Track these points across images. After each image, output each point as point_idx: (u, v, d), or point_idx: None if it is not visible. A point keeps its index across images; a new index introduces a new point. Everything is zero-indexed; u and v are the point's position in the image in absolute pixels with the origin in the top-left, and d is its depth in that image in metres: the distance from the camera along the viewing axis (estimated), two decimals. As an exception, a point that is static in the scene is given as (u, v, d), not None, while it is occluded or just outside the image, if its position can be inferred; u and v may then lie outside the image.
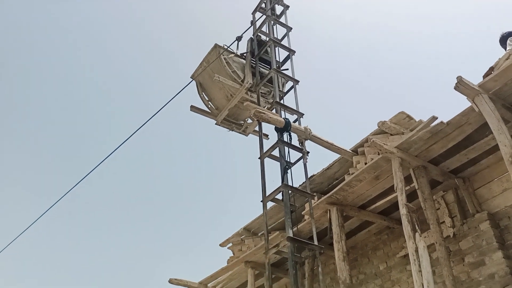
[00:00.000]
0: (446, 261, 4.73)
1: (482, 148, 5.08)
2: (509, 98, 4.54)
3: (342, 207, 5.85)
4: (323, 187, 6.85)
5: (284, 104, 6.67)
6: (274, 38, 7.46)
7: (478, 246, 5.10)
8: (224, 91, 7.33)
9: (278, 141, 5.79)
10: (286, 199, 5.45)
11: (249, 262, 7.23)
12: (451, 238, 5.42)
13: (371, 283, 6.36)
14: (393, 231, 6.31)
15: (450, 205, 5.60)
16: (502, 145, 4.12)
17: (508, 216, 5.07)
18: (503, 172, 5.08)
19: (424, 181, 5.10)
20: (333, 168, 6.63)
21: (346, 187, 5.63)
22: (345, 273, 5.37)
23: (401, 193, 4.88)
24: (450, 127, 4.77)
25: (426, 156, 5.20)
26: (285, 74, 7.14)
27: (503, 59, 4.74)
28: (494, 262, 4.89)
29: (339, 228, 5.65)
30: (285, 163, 5.74)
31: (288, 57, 7.45)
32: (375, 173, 5.41)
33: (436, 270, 5.24)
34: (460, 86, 4.35)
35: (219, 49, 7.31)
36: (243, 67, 7.48)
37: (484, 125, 4.50)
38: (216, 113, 7.71)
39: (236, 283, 8.07)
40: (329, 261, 7.06)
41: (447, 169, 5.44)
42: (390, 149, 5.02)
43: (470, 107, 4.51)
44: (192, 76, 7.63)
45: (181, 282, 8.01)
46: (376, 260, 6.45)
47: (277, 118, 5.77)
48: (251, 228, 7.96)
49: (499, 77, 4.33)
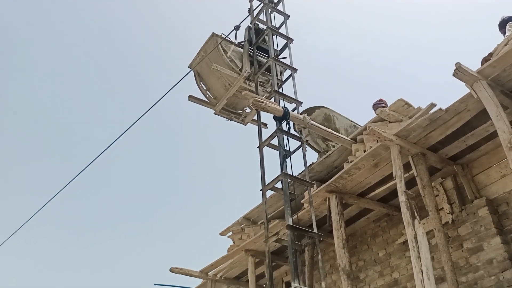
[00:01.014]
0: (444, 247, 4.76)
1: (480, 135, 5.08)
2: (507, 84, 4.52)
3: (341, 195, 5.87)
4: (322, 175, 6.87)
5: (283, 92, 6.65)
6: (271, 26, 7.41)
7: (477, 232, 5.14)
8: (222, 80, 7.30)
9: (277, 130, 5.79)
10: (285, 187, 5.46)
11: (249, 250, 7.28)
12: (449, 225, 5.46)
13: (371, 269, 6.41)
14: (392, 218, 6.34)
15: (449, 191, 5.62)
16: (501, 131, 4.12)
17: (506, 201, 5.09)
18: (502, 158, 5.09)
19: (423, 168, 5.12)
20: (332, 157, 6.64)
21: (345, 175, 5.64)
22: (345, 260, 5.41)
23: (400, 180, 4.89)
24: (449, 114, 4.76)
25: (425, 143, 5.21)
26: (283, 63, 7.11)
27: (501, 45, 4.72)
28: (492, 248, 4.93)
29: (338, 216, 5.68)
30: (284, 152, 5.74)
31: (286, 45, 7.41)
32: (374, 161, 5.42)
33: (435, 256, 5.28)
34: (459, 72, 4.33)
35: (217, 38, 7.27)
36: (241, 56, 7.44)
37: (483, 111, 4.49)
38: (215, 103, 7.69)
39: (236, 271, 8.13)
40: (328, 248, 7.11)
41: (446, 156, 5.45)
42: (389, 137, 5.02)
43: (469, 94, 4.50)
44: (190, 65, 7.59)
45: (182, 271, 8.07)
46: (375, 247, 6.49)
47: (276, 107, 5.75)
48: (251, 217, 8.00)
49: (497, 63, 4.32)
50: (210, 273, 8.17)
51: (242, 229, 7.75)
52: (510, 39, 4.55)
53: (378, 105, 8.04)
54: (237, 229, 7.86)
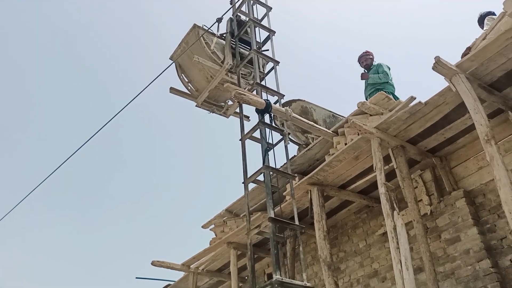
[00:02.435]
0: (423, 238, 4.84)
1: (458, 128, 5.17)
2: (485, 77, 4.60)
3: (323, 187, 5.91)
4: (304, 168, 6.90)
5: (265, 85, 6.64)
6: (253, 18, 7.36)
7: (454, 223, 5.24)
8: (204, 72, 7.24)
9: (259, 123, 5.78)
10: (267, 180, 5.47)
11: (231, 243, 7.28)
12: (428, 216, 5.56)
13: (351, 260, 6.50)
14: (372, 210, 6.43)
15: (428, 183, 5.72)
16: (478, 124, 4.20)
17: (483, 193, 5.21)
18: (479, 150, 5.19)
19: (402, 160, 5.19)
20: (313, 149, 6.67)
21: (327, 168, 5.68)
22: (326, 252, 5.46)
23: (380, 173, 4.95)
24: (428, 107, 4.83)
25: (405, 136, 5.28)
26: (265, 55, 7.08)
27: (480, 39, 4.80)
28: (469, 238, 5.04)
29: (320, 208, 5.73)
30: (266, 145, 5.74)
31: (268, 38, 7.38)
32: (355, 153, 5.46)
33: (414, 246, 5.38)
34: (438, 66, 4.38)
35: (198, 30, 7.19)
36: (223, 48, 7.38)
37: (461, 104, 4.57)
38: (196, 95, 7.62)
39: (218, 264, 8.14)
40: (310, 240, 7.17)
41: (425, 148, 5.54)
42: (370, 130, 5.07)
43: (448, 87, 4.57)
44: (171, 57, 7.50)
45: (163, 264, 8.03)
46: (355, 238, 6.57)
47: (258, 99, 5.74)
48: (233, 210, 8.00)
49: (475, 57, 4.38)
50: (192, 266, 8.16)
51: (224, 222, 7.75)
52: (488, 33, 4.63)
53: (365, 56, 8.06)
54: (219, 222, 7.85)
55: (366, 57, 8.13)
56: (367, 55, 8.15)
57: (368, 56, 8.15)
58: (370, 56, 8.14)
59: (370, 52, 8.21)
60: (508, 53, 4.28)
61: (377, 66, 7.86)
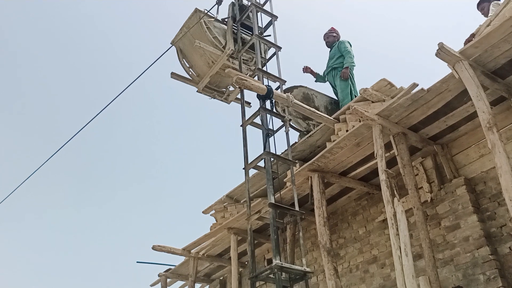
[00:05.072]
0: (423, 225, 4.86)
1: (461, 115, 5.15)
2: (488, 64, 4.56)
3: (323, 174, 5.92)
4: (305, 154, 6.90)
5: (267, 71, 6.60)
6: (255, 2, 7.28)
7: (454, 210, 5.25)
8: (205, 57, 7.19)
9: (260, 109, 5.77)
10: (268, 166, 5.47)
11: (231, 228, 7.32)
12: (428, 203, 5.57)
13: (351, 246, 6.53)
14: (373, 197, 6.44)
15: (428, 171, 5.72)
16: (480, 112, 4.18)
17: (483, 181, 5.21)
18: (481, 138, 5.18)
19: (404, 147, 5.18)
20: (315, 136, 6.66)
21: (328, 154, 5.68)
22: (326, 238, 5.49)
23: (381, 160, 4.95)
24: (430, 94, 4.80)
25: (406, 123, 5.26)
26: (267, 40, 7.02)
27: (484, 25, 4.75)
28: (469, 226, 5.05)
29: (320, 194, 5.74)
30: (267, 131, 5.73)
31: (270, 23, 7.32)
32: (356, 140, 5.45)
33: (413, 233, 5.40)
34: (441, 52, 4.34)
35: (200, 14, 7.12)
36: (224, 33, 7.32)
37: (464, 91, 4.54)
38: (198, 80, 7.59)
39: (219, 249, 8.20)
40: (310, 226, 7.20)
41: (426, 135, 5.52)
42: (371, 116, 5.05)
43: (451, 74, 4.53)
44: (172, 42, 7.44)
45: (164, 248, 8.09)
46: (355, 225, 6.60)
47: (259, 85, 5.71)
48: (233, 196, 8.02)
49: (479, 44, 4.34)
50: (193, 251, 8.22)
51: (225, 208, 7.78)
52: (492, 20, 4.57)
53: (327, 34, 7.88)
54: (219, 207, 7.88)
55: (329, 35, 7.86)
56: (330, 33, 7.85)
57: (332, 34, 7.84)
58: (333, 34, 7.84)
59: (335, 29, 7.90)
60: (513, 40, 4.24)
61: (338, 43, 7.64)
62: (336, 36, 7.87)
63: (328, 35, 7.88)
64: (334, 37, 7.85)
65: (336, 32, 7.91)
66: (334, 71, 7.57)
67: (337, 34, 7.88)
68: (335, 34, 7.88)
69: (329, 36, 7.86)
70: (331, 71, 7.63)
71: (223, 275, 9.20)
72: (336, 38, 7.83)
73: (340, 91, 7.31)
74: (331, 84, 7.75)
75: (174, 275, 8.93)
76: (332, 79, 7.65)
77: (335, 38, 7.83)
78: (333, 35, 7.86)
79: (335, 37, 7.85)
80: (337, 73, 7.48)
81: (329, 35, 7.88)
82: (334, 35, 7.87)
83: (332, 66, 7.59)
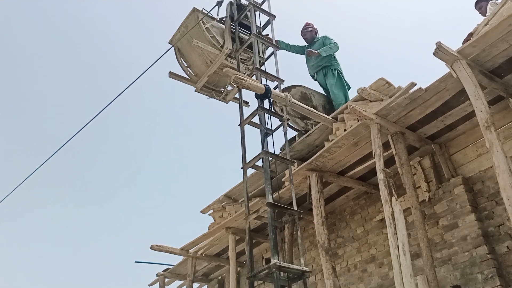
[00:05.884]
0: (421, 224, 4.86)
1: (458, 114, 5.15)
2: (486, 64, 4.57)
3: (322, 173, 5.91)
4: (303, 154, 6.89)
5: (265, 70, 6.59)
6: (253, 2, 7.27)
7: (452, 210, 5.26)
8: (203, 57, 7.18)
9: (258, 108, 5.76)
10: (266, 165, 5.47)
11: (230, 228, 7.32)
12: (426, 202, 5.57)
13: (349, 246, 6.53)
14: (371, 196, 6.44)
15: (426, 170, 5.72)
16: (478, 111, 4.18)
17: (481, 180, 5.21)
18: (479, 137, 5.18)
19: (402, 147, 5.18)
20: (313, 135, 6.65)
21: (326, 154, 5.68)
22: (324, 237, 5.49)
23: (379, 159, 4.95)
24: (428, 93, 4.80)
25: (404, 122, 5.26)
26: (265, 40, 7.02)
27: (482, 25, 4.75)
28: (467, 225, 5.06)
29: (318, 194, 5.74)
30: (265, 130, 5.73)
31: (268, 22, 7.31)
32: (354, 140, 5.45)
33: (411, 233, 5.41)
34: (439, 52, 4.34)
35: (198, 14, 7.11)
36: (222, 32, 7.31)
37: (462, 91, 4.54)
38: (196, 80, 7.58)
39: (217, 249, 8.19)
40: (308, 226, 7.20)
41: (424, 135, 5.53)
42: (369, 116, 5.05)
43: (449, 73, 4.54)
44: (170, 41, 7.43)
45: (162, 248, 8.08)
46: (353, 224, 6.60)
47: (257, 84, 5.71)
48: (231, 195, 8.01)
49: (477, 43, 4.34)
50: (191, 251, 8.21)
51: (223, 207, 7.77)
52: (490, 19, 4.57)
53: (305, 30, 7.59)
54: (218, 207, 7.87)
55: (305, 31, 7.56)
56: (306, 29, 7.54)
57: (307, 29, 7.54)
58: (309, 29, 7.53)
59: (310, 24, 7.59)
60: (510, 39, 4.24)
61: (323, 38, 7.35)
62: (313, 30, 7.56)
63: (305, 32, 7.58)
64: (311, 31, 7.55)
65: (312, 26, 7.58)
66: (325, 69, 7.34)
67: (313, 28, 7.56)
68: (311, 29, 7.55)
69: (306, 32, 7.58)
70: (321, 70, 7.38)
71: (221, 275, 9.19)
72: (314, 32, 7.56)
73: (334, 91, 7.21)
74: (320, 83, 7.53)
75: (172, 274, 8.92)
76: (322, 78, 7.41)
77: (313, 33, 7.55)
78: (309, 30, 7.55)
79: (312, 31, 7.55)
80: (328, 72, 7.28)
81: (305, 31, 7.58)
82: (310, 29, 7.55)
83: (323, 65, 7.34)
